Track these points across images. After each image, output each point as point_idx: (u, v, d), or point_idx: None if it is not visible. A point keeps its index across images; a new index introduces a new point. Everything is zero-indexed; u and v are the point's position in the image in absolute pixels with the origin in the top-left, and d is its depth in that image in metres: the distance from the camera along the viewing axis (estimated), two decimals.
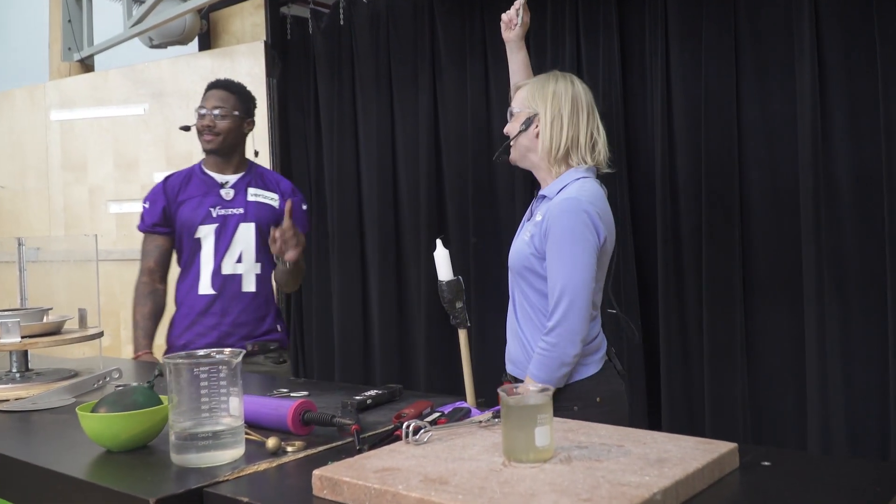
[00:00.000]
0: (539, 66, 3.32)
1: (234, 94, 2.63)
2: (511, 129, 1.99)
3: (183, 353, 1.23)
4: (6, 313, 1.80)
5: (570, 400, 1.80)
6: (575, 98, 1.95)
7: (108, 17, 4.35)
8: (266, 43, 3.84)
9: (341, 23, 3.93)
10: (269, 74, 3.83)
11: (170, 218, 2.59)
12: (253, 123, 2.69)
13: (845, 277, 2.66)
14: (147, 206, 2.61)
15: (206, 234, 2.55)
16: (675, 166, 3.01)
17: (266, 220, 2.57)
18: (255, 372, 2.38)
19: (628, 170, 3.14)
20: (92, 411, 1.28)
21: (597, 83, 3.16)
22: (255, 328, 2.57)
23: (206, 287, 2.54)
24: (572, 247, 1.78)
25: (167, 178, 2.66)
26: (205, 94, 2.63)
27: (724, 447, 1.14)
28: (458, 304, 1.52)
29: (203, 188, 2.60)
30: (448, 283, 1.52)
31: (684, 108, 2.99)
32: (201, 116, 2.58)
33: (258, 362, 2.55)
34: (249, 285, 2.56)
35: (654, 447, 1.13)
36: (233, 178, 2.61)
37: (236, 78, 3.76)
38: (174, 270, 2.66)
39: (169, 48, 4.11)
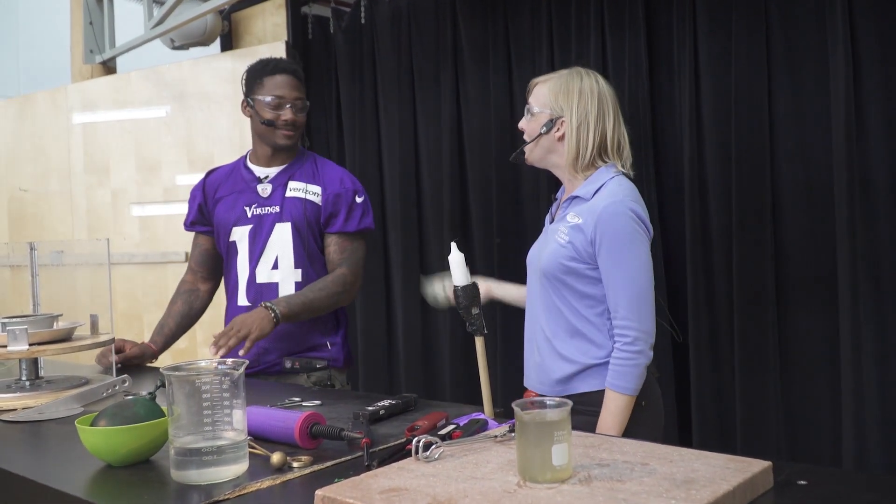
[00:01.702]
0: (563, 64, 3.24)
1: (302, 80, 2.30)
2: (530, 129, 1.88)
3: (183, 363, 1.18)
4: (14, 320, 1.76)
5: (582, 405, 1.71)
6: (601, 98, 1.86)
7: (129, 18, 4.34)
8: (287, 43, 3.81)
9: (363, 21, 3.88)
10: None
11: (207, 216, 2.36)
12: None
13: (882, 278, 2.55)
14: (189, 201, 2.41)
15: (241, 237, 2.27)
16: (705, 164, 2.92)
17: (305, 219, 2.25)
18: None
19: (656, 169, 3.05)
20: (92, 424, 1.23)
21: (622, 81, 3.08)
22: (297, 343, 2.24)
23: (242, 297, 2.26)
24: (630, 249, 1.72)
25: (210, 172, 2.41)
26: (268, 80, 2.24)
27: (757, 466, 1.06)
28: (475, 310, 1.45)
29: (241, 184, 2.30)
30: (463, 288, 1.45)
31: (713, 104, 2.90)
32: (276, 107, 2.22)
33: (298, 382, 2.20)
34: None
35: (680, 465, 1.06)
36: (273, 172, 2.29)
37: None
38: None
39: (191, 49, 4.09)
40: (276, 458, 1.18)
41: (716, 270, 2.90)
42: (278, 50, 3.78)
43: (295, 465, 1.18)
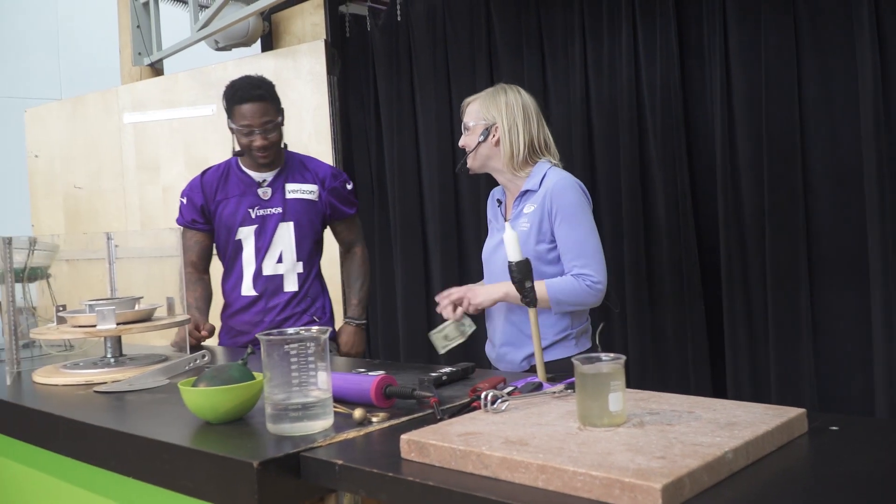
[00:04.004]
0: (595, 54, 3.36)
1: (269, 101, 2.46)
2: (469, 141, 2.14)
3: (274, 331, 1.32)
4: (102, 302, 1.92)
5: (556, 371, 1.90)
6: (525, 106, 2.13)
7: (175, 21, 4.51)
8: (326, 42, 3.94)
9: (398, 19, 4.02)
10: (329, 72, 3.93)
11: (208, 216, 2.58)
12: (283, 117, 2.55)
13: None
14: (185, 201, 2.60)
15: (247, 236, 2.53)
16: (736, 149, 3.02)
17: (306, 217, 2.55)
18: None
19: (688, 154, 3.16)
20: (192, 385, 1.38)
21: (654, 68, 3.19)
22: (295, 323, 2.54)
23: (248, 288, 2.55)
24: (584, 214, 2.03)
25: (204, 173, 2.62)
26: (237, 109, 2.44)
27: (793, 412, 1.18)
28: (528, 284, 1.58)
29: (241, 187, 2.55)
30: (517, 263, 1.58)
31: (744, 90, 3.00)
32: (248, 133, 2.43)
33: None
34: (291, 285, 2.55)
35: (723, 413, 1.18)
36: (269, 176, 2.55)
37: (299, 78, 3.89)
38: (217, 263, 2.67)
39: (233, 50, 4.25)
40: (357, 413, 1.32)
41: (749, 251, 3.00)
42: (317, 49, 3.92)
43: (374, 419, 1.32)
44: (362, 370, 1.79)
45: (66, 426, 1.51)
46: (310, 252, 2.59)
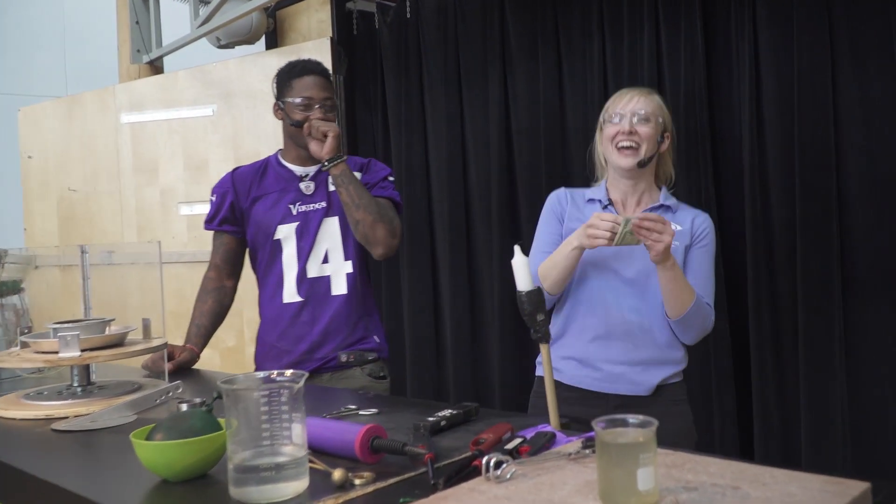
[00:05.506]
0: (615, 54, 3.16)
1: (329, 80, 2.28)
2: (648, 133, 1.97)
3: (241, 374, 1.13)
4: (66, 326, 1.73)
5: (680, 394, 2.01)
6: None
7: (175, 18, 4.33)
8: (332, 39, 3.76)
9: (408, 16, 3.83)
10: (335, 71, 3.74)
11: (239, 215, 2.31)
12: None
13: None
14: (214, 199, 2.33)
15: (287, 235, 2.25)
16: (766, 156, 2.82)
17: None
18: (349, 388, 2.15)
19: (713, 161, 2.96)
20: (147, 436, 1.19)
21: (678, 72, 2.99)
22: (348, 335, 2.25)
23: (291, 294, 2.25)
24: (714, 256, 2.01)
25: (236, 169, 2.37)
26: (297, 83, 2.24)
27: (857, 488, 0.98)
28: (540, 317, 1.38)
29: (280, 183, 2.29)
30: (528, 293, 1.38)
31: (774, 94, 2.80)
32: (306, 108, 2.21)
33: (354, 376, 2.24)
34: (339, 287, 2.25)
35: (775, 489, 0.98)
36: (313, 170, 2.28)
37: None
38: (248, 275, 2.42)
39: (236, 48, 4.07)
40: (337, 475, 1.12)
41: (778, 266, 2.81)
42: (323, 47, 3.74)
43: (357, 482, 1.13)
44: (353, 408, 1.59)
45: (8, 475, 1.32)
46: (357, 249, 2.27)
